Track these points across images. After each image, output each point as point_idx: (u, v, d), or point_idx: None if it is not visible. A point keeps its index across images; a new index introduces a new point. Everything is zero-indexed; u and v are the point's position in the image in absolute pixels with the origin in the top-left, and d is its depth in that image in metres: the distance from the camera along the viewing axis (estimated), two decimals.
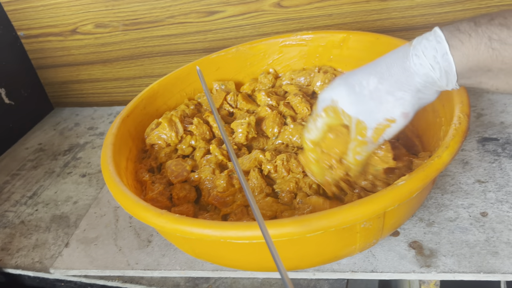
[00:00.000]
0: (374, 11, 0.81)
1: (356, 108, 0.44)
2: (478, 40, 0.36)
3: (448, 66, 0.38)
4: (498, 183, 0.59)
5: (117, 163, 0.54)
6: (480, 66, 0.37)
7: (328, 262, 0.50)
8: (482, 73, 0.38)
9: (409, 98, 0.41)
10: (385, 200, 0.40)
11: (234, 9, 0.86)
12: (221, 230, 0.40)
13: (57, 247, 0.64)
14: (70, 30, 0.94)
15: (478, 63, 0.37)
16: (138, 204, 0.45)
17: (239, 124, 0.63)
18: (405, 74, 0.40)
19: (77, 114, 1.03)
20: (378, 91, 0.42)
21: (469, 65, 0.37)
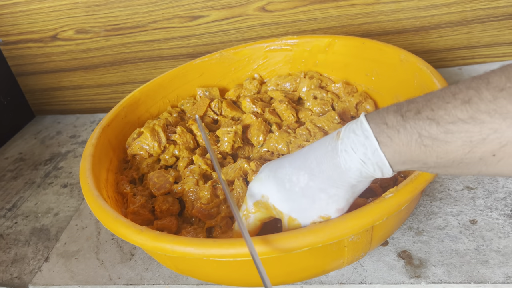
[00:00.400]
0: (360, 14, 0.80)
1: (288, 206, 0.41)
2: (408, 137, 0.34)
3: (380, 161, 0.36)
4: (487, 189, 0.58)
5: (97, 175, 0.52)
6: (414, 160, 0.35)
7: (316, 276, 0.48)
8: (418, 165, 0.35)
9: (343, 193, 0.39)
10: (373, 214, 0.38)
11: (218, 14, 0.84)
12: (203, 248, 0.38)
13: (37, 262, 0.62)
14: (50, 36, 0.92)
15: (411, 157, 0.34)
16: (117, 220, 0.43)
17: (225, 132, 0.62)
18: (336, 171, 0.38)
19: (59, 122, 1.00)
20: (310, 188, 0.40)
21: (402, 159, 0.35)
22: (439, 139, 0.32)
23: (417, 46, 0.82)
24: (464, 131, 0.31)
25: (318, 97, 0.69)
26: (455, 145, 0.32)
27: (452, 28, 0.79)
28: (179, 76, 0.73)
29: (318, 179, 0.39)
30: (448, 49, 0.82)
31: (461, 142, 0.31)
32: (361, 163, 0.37)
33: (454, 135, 0.31)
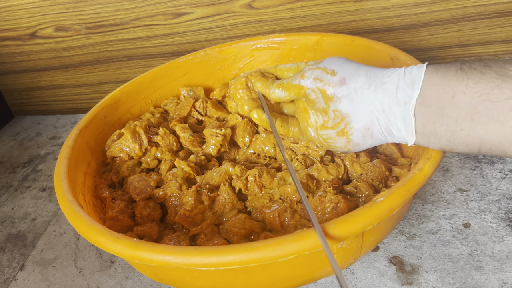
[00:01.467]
0: (349, 12, 0.78)
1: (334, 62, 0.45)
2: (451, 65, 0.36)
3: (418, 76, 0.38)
4: (480, 192, 0.57)
5: (73, 179, 0.50)
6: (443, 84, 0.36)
7: (304, 284, 0.46)
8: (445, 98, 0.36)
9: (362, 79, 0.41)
10: (363, 219, 0.36)
11: (203, 11, 0.81)
12: (183, 257, 0.36)
13: (12, 270, 0.59)
14: (29, 34, 0.89)
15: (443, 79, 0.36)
16: (92, 227, 0.41)
17: (213, 134, 0.59)
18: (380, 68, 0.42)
19: (38, 122, 0.97)
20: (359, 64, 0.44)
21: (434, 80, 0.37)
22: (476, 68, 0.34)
23: (407, 44, 0.80)
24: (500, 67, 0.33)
25: None
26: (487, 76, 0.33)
27: (442, 26, 0.77)
28: (162, 75, 0.70)
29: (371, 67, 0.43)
30: (438, 47, 0.80)
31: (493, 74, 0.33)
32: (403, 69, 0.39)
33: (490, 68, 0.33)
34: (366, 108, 0.41)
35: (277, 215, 0.48)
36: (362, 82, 0.41)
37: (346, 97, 0.42)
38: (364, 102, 0.41)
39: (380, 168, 0.51)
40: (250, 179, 0.52)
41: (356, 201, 0.48)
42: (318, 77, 0.44)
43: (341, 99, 0.42)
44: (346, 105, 0.42)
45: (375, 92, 0.40)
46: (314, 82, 0.44)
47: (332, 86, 0.43)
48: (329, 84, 0.43)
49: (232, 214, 0.50)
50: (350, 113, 0.42)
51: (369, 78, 0.41)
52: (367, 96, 0.41)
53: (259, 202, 0.51)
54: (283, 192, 0.51)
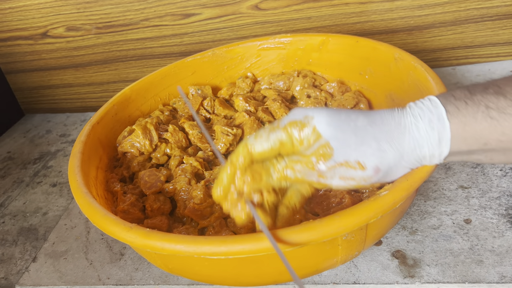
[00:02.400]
0: (354, 13, 0.79)
1: (331, 132, 0.37)
2: (475, 108, 0.34)
3: (443, 132, 0.35)
4: (481, 189, 0.58)
5: (86, 172, 0.51)
6: (477, 136, 0.34)
7: (309, 275, 0.47)
8: (478, 146, 0.35)
9: (392, 155, 0.37)
10: (367, 211, 0.38)
11: (211, 12, 0.83)
12: (194, 246, 0.37)
13: (24, 262, 0.61)
14: (40, 33, 0.91)
15: (475, 132, 0.34)
16: (106, 218, 0.42)
17: (225, 132, 0.60)
18: (398, 129, 0.37)
19: (48, 120, 0.99)
20: (365, 131, 0.37)
21: (465, 134, 0.35)
22: (506, 112, 0.32)
23: (411, 46, 0.82)
24: None
25: (311, 96, 0.69)
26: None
27: (446, 28, 0.79)
28: (171, 74, 0.72)
29: (378, 128, 0.37)
30: (442, 49, 0.82)
31: None
32: (424, 130, 0.36)
33: None
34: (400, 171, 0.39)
35: None
36: (393, 158, 0.37)
37: (383, 177, 0.39)
38: (398, 169, 0.39)
39: None
40: None
41: (360, 197, 0.50)
42: (345, 176, 0.38)
43: (379, 180, 0.39)
44: (383, 180, 0.40)
45: (408, 159, 0.38)
46: (344, 181, 0.38)
47: (368, 180, 0.38)
48: (364, 179, 0.38)
49: None
50: (386, 180, 0.40)
51: (396, 150, 0.37)
52: (399, 167, 0.38)
53: None
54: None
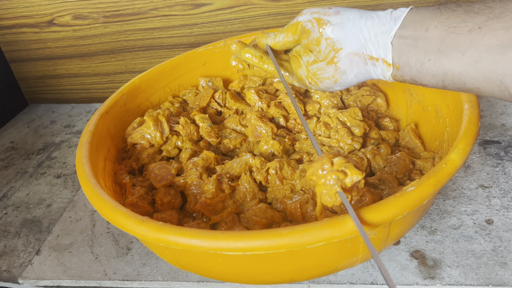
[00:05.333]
0: (369, 6, 0.77)
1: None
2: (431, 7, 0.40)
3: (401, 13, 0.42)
4: (503, 189, 0.56)
5: (94, 163, 0.49)
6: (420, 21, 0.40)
7: (327, 274, 0.45)
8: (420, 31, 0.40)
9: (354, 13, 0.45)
10: (393, 208, 0.36)
11: (222, 2, 0.81)
12: (210, 241, 0.35)
13: (27, 255, 0.59)
14: (46, 21, 0.89)
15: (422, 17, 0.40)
16: (116, 210, 0.40)
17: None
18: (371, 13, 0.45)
19: (53, 111, 0.97)
20: None
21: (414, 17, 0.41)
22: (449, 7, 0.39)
23: None
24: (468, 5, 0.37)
25: None
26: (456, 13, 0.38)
27: None
28: (181, 65, 0.70)
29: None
30: None
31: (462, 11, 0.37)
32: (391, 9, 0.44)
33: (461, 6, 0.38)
34: (356, 35, 0.45)
35: (299, 206, 0.47)
36: (354, 14, 0.45)
37: (339, 24, 0.45)
38: (354, 29, 0.45)
39: (404, 161, 0.50)
40: (271, 171, 0.52)
41: (380, 194, 0.48)
42: (315, 11, 0.48)
43: (334, 26, 0.46)
44: (338, 32, 0.46)
45: (365, 23, 0.44)
46: (311, 15, 0.48)
47: (327, 15, 0.46)
48: (325, 13, 0.47)
49: (253, 204, 0.49)
50: (341, 39, 0.46)
51: (360, 13, 0.45)
52: (357, 25, 0.45)
53: (280, 193, 0.51)
54: (304, 183, 0.51)
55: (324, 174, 0.37)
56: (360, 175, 0.36)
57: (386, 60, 0.43)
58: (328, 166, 0.37)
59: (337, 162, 0.37)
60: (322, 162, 0.37)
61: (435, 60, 0.39)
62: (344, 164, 0.36)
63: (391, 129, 0.61)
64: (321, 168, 0.37)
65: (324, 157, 0.37)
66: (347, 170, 0.36)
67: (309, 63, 0.51)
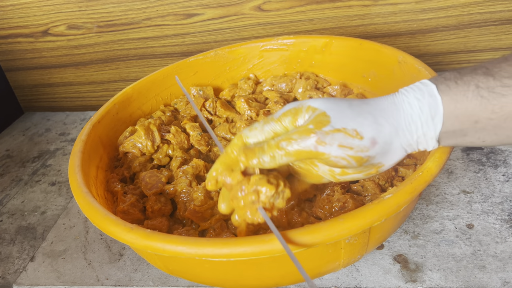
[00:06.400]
0: (357, 16, 0.79)
1: (328, 105, 0.38)
2: (465, 87, 0.35)
3: (435, 107, 0.36)
4: (484, 194, 0.58)
5: (86, 172, 0.51)
6: (468, 114, 0.35)
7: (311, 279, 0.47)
8: (470, 124, 0.36)
9: (388, 130, 0.37)
10: (371, 214, 0.37)
11: (213, 12, 0.83)
12: (196, 247, 0.37)
13: (22, 261, 0.60)
14: (41, 31, 0.90)
15: (466, 110, 0.35)
16: (106, 218, 0.42)
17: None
18: (391, 106, 0.38)
19: (48, 119, 0.98)
20: (360, 107, 0.38)
21: (456, 111, 0.35)
22: (496, 91, 0.34)
23: (414, 49, 0.82)
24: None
25: None
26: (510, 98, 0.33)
27: (449, 32, 0.79)
28: (172, 74, 0.71)
29: (372, 106, 0.38)
30: (444, 53, 0.82)
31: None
32: (417, 106, 0.37)
33: (510, 87, 0.33)
34: (397, 151, 0.39)
35: (284, 213, 0.49)
36: (389, 133, 0.38)
37: (380, 154, 0.38)
38: (395, 148, 0.39)
39: None
40: None
41: (363, 200, 0.49)
42: (344, 144, 0.37)
43: (375, 156, 0.38)
44: (380, 158, 0.39)
45: (404, 136, 0.38)
46: (342, 150, 0.37)
47: (365, 151, 0.37)
48: (362, 150, 0.37)
49: None
50: (383, 161, 0.40)
51: (391, 125, 0.38)
52: (396, 144, 0.38)
53: None
54: None
55: (243, 196, 0.37)
56: (272, 189, 0.36)
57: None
58: (245, 186, 0.37)
59: (252, 180, 0.37)
60: (240, 184, 0.38)
61: (491, 140, 0.37)
62: (257, 182, 0.37)
63: None
64: (240, 189, 0.38)
65: (243, 180, 0.38)
66: (259, 187, 0.37)
67: (336, 173, 0.42)
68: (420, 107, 0.36)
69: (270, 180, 0.37)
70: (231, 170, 0.40)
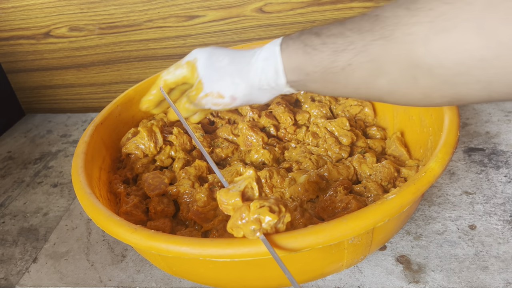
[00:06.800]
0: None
1: (204, 72, 0.48)
2: (297, 45, 0.41)
3: (277, 65, 0.43)
4: (486, 195, 0.58)
5: (89, 173, 0.51)
6: (299, 67, 0.41)
7: (314, 279, 0.47)
8: (302, 76, 0.42)
9: (243, 87, 0.46)
10: (374, 215, 0.37)
11: (215, 14, 0.83)
12: (200, 248, 0.37)
13: (25, 263, 0.60)
14: (43, 33, 0.90)
15: (298, 64, 0.41)
16: (110, 219, 0.42)
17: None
18: (247, 67, 0.46)
19: (49, 120, 0.98)
20: (224, 70, 0.47)
21: (292, 65, 0.42)
22: (317, 48, 0.40)
23: None
24: (332, 42, 0.39)
25: (315, 100, 0.69)
26: (325, 54, 0.39)
27: None
28: None
29: (234, 66, 0.47)
30: None
31: (330, 51, 0.39)
32: (263, 62, 0.44)
33: (326, 45, 0.39)
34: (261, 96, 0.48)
35: None
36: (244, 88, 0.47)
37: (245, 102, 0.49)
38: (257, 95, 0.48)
39: (389, 169, 0.52)
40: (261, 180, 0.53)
41: (365, 201, 0.49)
42: (214, 102, 0.49)
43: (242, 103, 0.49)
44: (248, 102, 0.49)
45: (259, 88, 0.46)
46: (214, 106, 0.49)
47: (230, 105, 0.49)
48: (226, 104, 0.49)
49: None
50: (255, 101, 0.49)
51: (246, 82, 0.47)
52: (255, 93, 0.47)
53: None
54: (293, 191, 0.52)
55: (243, 224, 0.37)
56: (275, 218, 0.37)
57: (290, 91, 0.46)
58: (246, 214, 0.37)
59: (252, 208, 0.37)
60: (240, 211, 0.38)
61: (326, 91, 0.43)
62: (258, 211, 0.37)
63: (378, 137, 0.62)
64: (240, 218, 0.38)
65: (242, 206, 0.38)
66: (261, 216, 0.37)
67: None
68: (264, 68, 0.44)
69: (272, 208, 0.37)
70: None
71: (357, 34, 0.37)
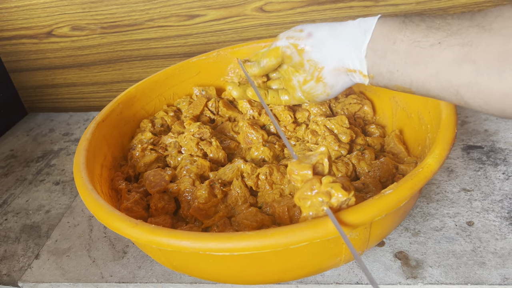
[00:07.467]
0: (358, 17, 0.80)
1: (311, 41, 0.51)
2: (397, 18, 0.43)
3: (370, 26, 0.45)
4: (484, 192, 0.58)
5: (91, 170, 0.51)
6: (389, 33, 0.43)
7: (312, 274, 0.48)
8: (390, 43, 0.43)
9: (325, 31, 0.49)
10: (372, 209, 0.38)
11: (215, 13, 0.84)
12: (200, 242, 0.37)
13: (27, 259, 0.61)
14: (45, 32, 0.91)
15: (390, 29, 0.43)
16: (112, 214, 0.42)
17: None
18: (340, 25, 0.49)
19: (52, 119, 0.99)
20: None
21: (382, 30, 0.44)
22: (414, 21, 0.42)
23: None
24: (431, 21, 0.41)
25: None
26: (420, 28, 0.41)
27: None
28: (175, 74, 0.72)
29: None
30: None
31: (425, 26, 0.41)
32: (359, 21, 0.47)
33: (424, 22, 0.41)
34: (332, 53, 0.49)
35: (286, 210, 0.50)
36: (325, 33, 0.49)
37: (314, 47, 0.50)
38: (329, 49, 0.49)
39: (388, 166, 0.53)
40: (261, 177, 0.54)
41: (364, 197, 0.50)
42: (290, 35, 0.52)
43: (310, 50, 0.51)
44: (315, 54, 0.51)
45: (337, 40, 0.48)
46: (287, 40, 0.53)
47: (302, 40, 0.51)
48: (299, 38, 0.51)
49: (244, 208, 0.52)
50: (320, 60, 0.51)
51: (330, 29, 0.49)
52: (331, 44, 0.49)
53: (269, 197, 0.53)
54: (293, 188, 0.53)
55: (313, 195, 0.38)
56: (346, 196, 0.37)
57: (362, 72, 0.47)
58: (317, 186, 0.38)
59: (325, 181, 0.38)
60: (311, 183, 0.38)
61: (403, 71, 0.43)
62: (331, 185, 0.37)
63: (377, 135, 0.63)
64: (310, 189, 0.38)
65: (313, 178, 0.39)
66: (333, 191, 0.37)
67: (301, 83, 0.56)
68: (360, 23, 0.47)
69: (344, 186, 0.38)
70: None
71: (456, 20, 0.39)
